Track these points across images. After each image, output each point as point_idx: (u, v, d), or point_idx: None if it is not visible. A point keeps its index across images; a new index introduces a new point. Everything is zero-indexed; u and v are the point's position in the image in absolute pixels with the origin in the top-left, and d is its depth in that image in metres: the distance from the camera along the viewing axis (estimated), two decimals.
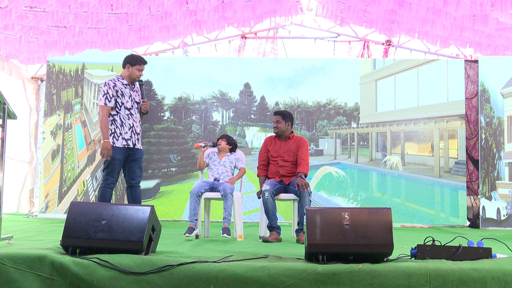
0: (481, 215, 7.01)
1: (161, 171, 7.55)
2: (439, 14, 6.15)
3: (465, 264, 2.66)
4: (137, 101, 4.60)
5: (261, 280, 2.57)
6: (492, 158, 7.17)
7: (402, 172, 7.39)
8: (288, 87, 7.66)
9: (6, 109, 3.64)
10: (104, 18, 6.28)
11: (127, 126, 4.49)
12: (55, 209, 7.42)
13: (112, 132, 4.45)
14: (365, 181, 7.46)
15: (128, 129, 4.50)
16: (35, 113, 8.64)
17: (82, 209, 2.96)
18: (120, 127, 4.47)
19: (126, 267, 2.65)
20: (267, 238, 4.42)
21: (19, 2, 5.66)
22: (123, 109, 4.49)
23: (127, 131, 4.49)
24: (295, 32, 8.95)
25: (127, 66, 4.56)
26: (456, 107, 7.38)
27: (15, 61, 7.79)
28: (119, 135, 4.46)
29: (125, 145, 4.47)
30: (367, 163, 7.52)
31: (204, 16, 6.59)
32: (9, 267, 2.71)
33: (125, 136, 4.48)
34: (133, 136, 4.53)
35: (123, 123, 4.48)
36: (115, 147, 4.43)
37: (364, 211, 2.85)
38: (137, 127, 4.59)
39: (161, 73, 7.67)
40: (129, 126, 4.51)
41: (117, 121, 4.47)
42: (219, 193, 4.71)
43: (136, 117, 4.59)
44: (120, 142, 4.45)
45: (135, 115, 4.57)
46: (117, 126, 4.46)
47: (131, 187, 4.58)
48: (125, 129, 4.48)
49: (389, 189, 7.41)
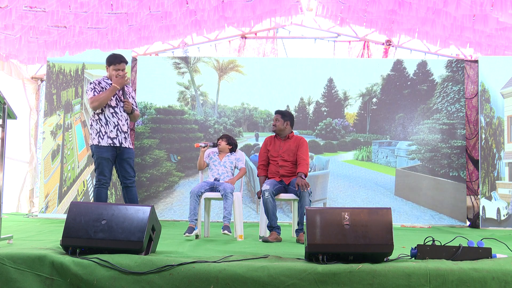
0: (481, 215, 7.01)
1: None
2: (439, 14, 6.15)
3: (465, 264, 2.66)
4: (123, 100, 4.60)
5: (261, 280, 2.57)
6: (492, 158, 7.17)
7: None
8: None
9: (6, 109, 3.64)
10: (104, 18, 6.27)
11: (111, 125, 4.50)
12: (55, 209, 7.42)
13: (97, 131, 4.47)
14: None
15: (113, 127, 4.50)
16: (35, 113, 8.64)
17: (82, 209, 2.96)
18: (105, 125, 4.48)
19: (126, 267, 2.65)
20: (267, 238, 4.42)
21: (19, 2, 5.65)
22: (107, 108, 4.50)
23: (112, 130, 4.50)
24: (295, 32, 8.95)
25: (106, 66, 4.60)
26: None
27: (15, 61, 7.78)
28: (104, 133, 4.47)
29: (110, 143, 4.48)
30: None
31: (204, 16, 6.58)
32: (9, 267, 2.71)
33: (111, 135, 4.48)
34: (119, 134, 4.52)
35: (108, 121, 4.49)
36: (101, 146, 4.45)
37: (364, 211, 2.85)
38: (123, 126, 4.57)
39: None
40: (113, 124, 4.51)
41: (102, 120, 4.49)
42: (219, 193, 4.71)
43: (122, 116, 4.58)
44: (106, 141, 4.47)
45: (120, 114, 4.56)
46: (102, 125, 4.48)
47: (126, 188, 4.60)
48: (110, 127, 4.49)
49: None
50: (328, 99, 7.81)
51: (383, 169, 7.63)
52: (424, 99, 7.63)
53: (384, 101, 7.74)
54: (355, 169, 7.68)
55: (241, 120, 7.79)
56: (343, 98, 7.81)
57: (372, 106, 7.80)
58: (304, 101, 7.80)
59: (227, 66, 7.83)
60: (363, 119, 7.78)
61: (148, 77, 7.74)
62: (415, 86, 7.69)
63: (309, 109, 7.81)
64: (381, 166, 7.64)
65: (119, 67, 4.51)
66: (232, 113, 7.78)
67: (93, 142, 4.52)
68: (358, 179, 7.61)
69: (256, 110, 7.79)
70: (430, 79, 7.68)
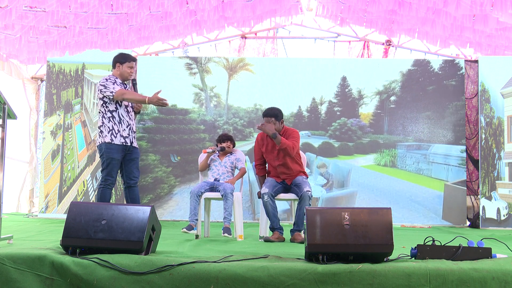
0: (481, 215, 7.01)
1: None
2: (439, 14, 6.15)
3: (465, 264, 2.65)
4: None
5: (261, 280, 2.56)
6: (492, 158, 7.16)
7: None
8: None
9: (6, 109, 3.64)
10: (104, 18, 6.28)
11: (125, 124, 4.47)
12: (55, 209, 7.42)
13: (110, 129, 4.41)
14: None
15: (126, 126, 4.48)
16: (35, 113, 8.64)
17: (82, 209, 2.96)
18: (119, 124, 4.44)
19: (126, 267, 2.65)
20: (268, 238, 4.41)
21: (19, 2, 5.66)
22: (122, 106, 4.48)
23: (125, 129, 4.47)
24: (295, 32, 8.95)
25: (117, 65, 4.54)
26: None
27: (15, 61, 7.79)
28: (117, 132, 4.42)
29: (123, 142, 4.45)
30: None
31: (204, 16, 6.59)
32: (9, 267, 2.71)
33: (123, 134, 4.45)
34: (130, 134, 4.51)
35: (122, 120, 4.46)
36: (113, 144, 4.40)
37: (364, 211, 2.85)
38: (133, 126, 4.58)
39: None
40: (127, 123, 4.49)
41: (116, 118, 4.44)
42: (219, 193, 4.71)
43: (132, 115, 4.58)
44: (119, 139, 4.43)
45: (131, 113, 4.57)
46: (115, 123, 4.43)
47: (129, 187, 4.57)
48: (123, 126, 4.46)
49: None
50: (341, 98, 7.38)
51: (414, 178, 6.83)
52: (453, 96, 7.10)
53: (404, 99, 7.29)
54: (379, 177, 6.90)
55: (254, 121, 7.48)
56: (357, 97, 7.35)
57: (390, 105, 7.30)
58: (316, 101, 7.41)
59: (236, 65, 7.63)
60: (380, 118, 7.23)
61: (149, 76, 7.71)
62: (441, 82, 7.21)
63: (321, 109, 7.38)
64: (412, 175, 6.88)
65: (132, 65, 4.53)
66: (245, 114, 7.53)
67: (105, 140, 4.41)
68: (386, 192, 6.75)
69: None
70: (459, 73, 7.33)
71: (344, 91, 7.45)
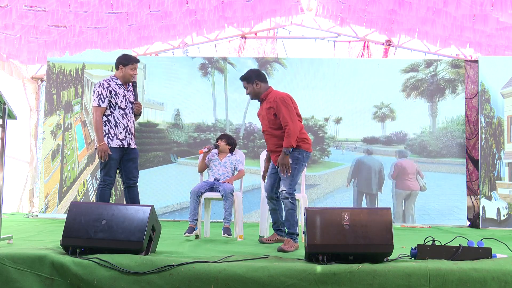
0: (481, 215, 7.01)
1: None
2: (439, 14, 6.15)
3: (465, 264, 2.66)
4: (131, 101, 4.60)
5: (261, 281, 2.57)
6: (492, 158, 7.16)
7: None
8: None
9: (6, 109, 3.64)
10: (104, 17, 6.28)
11: (121, 126, 4.50)
12: (55, 209, 7.42)
13: (106, 133, 4.46)
14: None
15: (123, 129, 4.50)
16: (35, 113, 8.64)
17: (82, 209, 2.96)
18: (114, 127, 4.48)
19: (126, 267, 2.65)
20: (261, 239, 4.39)
21: (19, 2, 5.66)
22: (117, 109, 4.50)
23: (122, 131, 4.50)
24: (295, 32, 8.95)
25: (120, 67, 4.55)
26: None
27: (15, 61, 7.79)
28: (114, 135, 4.46)
29: (120, 145, 4.48)
30: None
31: (204, 16, 6.59)
32: (9, 267, 2.72)
33: (120, 136, 4.48)
34: (127, 136, 4.53)
35: (117, 123, 4.49)
36: (110, 147, 4.44)
37: (364, 211, 2.86)
38: (131, 127, 4.59)
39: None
40: (123, 126, 4.51)
41: (111, 122, 4.48)
42: (219, 193, 4.71)
43: (131, 117, 4.59)
44: (115, 142, 4.46)
45: (129, 115, 4.57)
46: (111, 127, 4.47)
47: (128, 188, 4.59)
48: (119, 129, 4.49)
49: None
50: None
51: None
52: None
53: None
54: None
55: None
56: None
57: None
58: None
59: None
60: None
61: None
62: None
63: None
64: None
65: (135, 67, 4.54)
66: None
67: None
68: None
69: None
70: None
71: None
